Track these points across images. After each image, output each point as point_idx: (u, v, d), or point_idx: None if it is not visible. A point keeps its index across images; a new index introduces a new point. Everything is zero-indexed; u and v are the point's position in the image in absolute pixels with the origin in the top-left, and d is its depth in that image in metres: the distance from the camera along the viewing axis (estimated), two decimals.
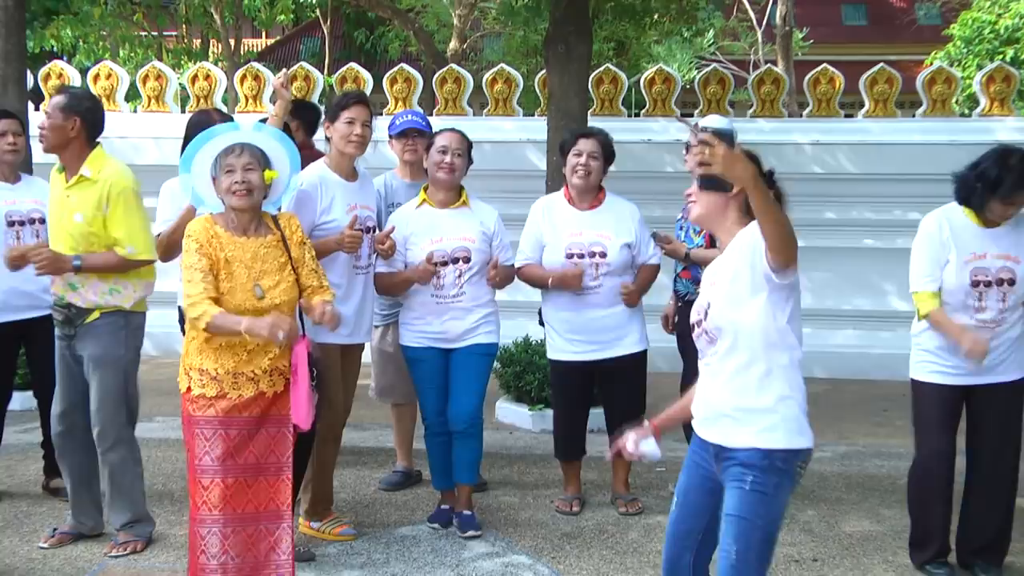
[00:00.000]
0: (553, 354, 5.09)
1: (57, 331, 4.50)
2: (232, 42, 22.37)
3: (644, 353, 5.05)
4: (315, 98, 9.10)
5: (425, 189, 4.82)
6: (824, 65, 9.20)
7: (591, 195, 4.98)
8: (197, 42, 26.20)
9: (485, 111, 9.42)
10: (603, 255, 4.88)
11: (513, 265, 4.94)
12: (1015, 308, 4.20)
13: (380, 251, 4.66)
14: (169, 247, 4.58)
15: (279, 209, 4.02)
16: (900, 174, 8.34)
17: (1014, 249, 4.17)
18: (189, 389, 3.67)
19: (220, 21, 21.22)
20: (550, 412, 5.74)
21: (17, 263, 4.42)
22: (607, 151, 4.98)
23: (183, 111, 9.64)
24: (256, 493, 3.66)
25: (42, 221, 4.93)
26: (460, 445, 4.78)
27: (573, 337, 4.95)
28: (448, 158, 4.67)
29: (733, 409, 2.95)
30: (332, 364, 4.55)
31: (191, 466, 3.67)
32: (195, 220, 3.79)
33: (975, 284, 4.14)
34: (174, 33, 26.61)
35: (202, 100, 9.28)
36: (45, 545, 4.53)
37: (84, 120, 4.35)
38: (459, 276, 4.66)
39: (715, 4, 20.64)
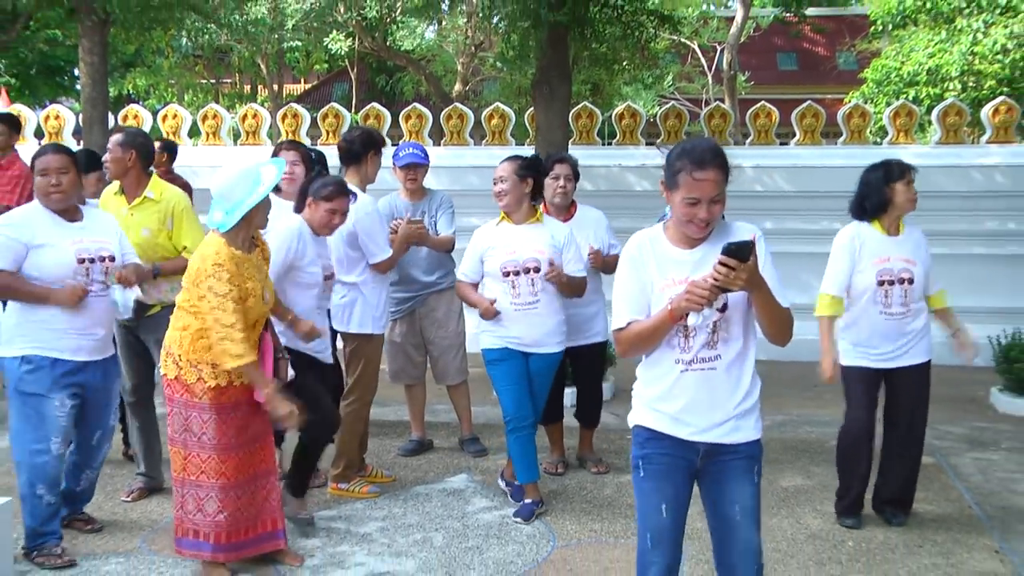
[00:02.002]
0: None
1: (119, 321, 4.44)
2: (276, 87, 22.31)
3: (605, 343, 5.09)
4: (343, 129, 9.05)
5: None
6: (763, 102, 9.18)
7: (566, 209, 4.95)
8: (247, 87, 26.17)
9: (484, 142, 9.38)
10: None
11: (585, 278, 4.55)
12: (918, 302, 4.21)
13: (414, 232, 4.85)
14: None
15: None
16: (825, 191, 8.28)
17: (912, 254, 4.20)
18: (200, 380, 3.52)
19: (266, 70, 21.17)
20: None
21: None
22: (575, 171, 4.95)
23: (235, 144, 9.64)
24: (255, 458, 3.71)
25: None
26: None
27: None
28: (497, 187, 4.45)
29: (737, 408, 2.63)
30: (373, 357, 4.67)
31: (184, 442, 3.58)
32: (218, 245, 3.51)
33: (880, 283, 4.14)
34: (228, 80, 26.59)
35: (251, 135, 9.30)
36: (128, 499, 4.53)
37: (138, 152, 4.36)
38: (532, 284, 4.35)
39: (671, 57, 20.62)
